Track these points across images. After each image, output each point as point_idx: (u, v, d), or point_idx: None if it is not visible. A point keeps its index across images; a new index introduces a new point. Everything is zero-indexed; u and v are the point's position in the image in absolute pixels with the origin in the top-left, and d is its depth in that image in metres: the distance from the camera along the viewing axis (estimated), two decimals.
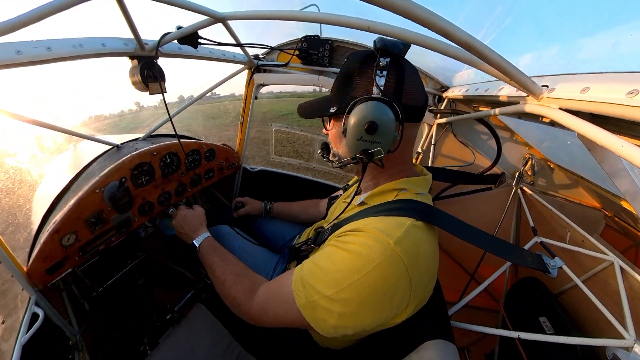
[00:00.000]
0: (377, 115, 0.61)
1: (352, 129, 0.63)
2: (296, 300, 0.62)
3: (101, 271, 1.43)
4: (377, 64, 0.63)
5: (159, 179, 1.26)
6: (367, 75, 0.66)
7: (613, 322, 0.69)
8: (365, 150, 0.65)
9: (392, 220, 0.63)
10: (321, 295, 0.59)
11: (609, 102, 0.45)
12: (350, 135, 0.65)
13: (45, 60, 0.74)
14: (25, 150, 2.28)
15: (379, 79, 0.63)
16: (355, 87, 0.68)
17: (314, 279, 0.62)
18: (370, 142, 0.63)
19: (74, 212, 0.96)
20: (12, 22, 0.57)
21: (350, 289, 0.57)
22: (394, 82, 0.65)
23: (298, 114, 0.83)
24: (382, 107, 0.61)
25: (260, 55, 1.57)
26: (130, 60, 0.99)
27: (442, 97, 1.38)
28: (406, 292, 0.59)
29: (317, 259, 0.66)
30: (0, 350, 0.75)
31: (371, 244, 0.58)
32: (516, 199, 1.38)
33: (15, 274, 0.83)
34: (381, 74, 0.64)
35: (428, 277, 0.64)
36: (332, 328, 0.60)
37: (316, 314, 0.60)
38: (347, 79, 0.70)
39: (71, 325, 1.05)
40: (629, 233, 1.10)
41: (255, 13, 0.84)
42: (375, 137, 0.62)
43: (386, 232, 0.59)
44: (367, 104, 0.62)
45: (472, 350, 1.43)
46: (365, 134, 0.62)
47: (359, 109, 0.62)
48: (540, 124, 0.82)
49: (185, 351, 0.89)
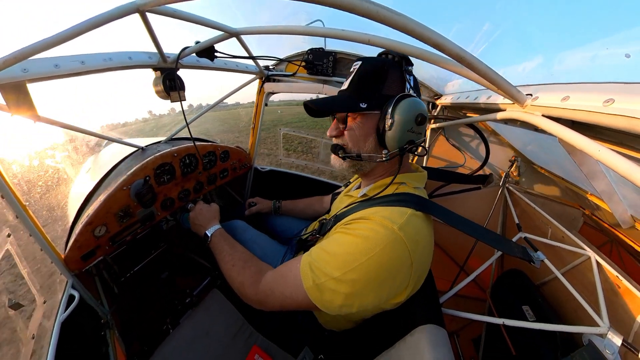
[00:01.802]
0: (423, 109, 0.64)
1: (403, 121, 0.63)
2: (303, 282, 0.62)
3: (128, 259, 1.45)
4: (407, 69, 0.66)
5: (179, 178, 1.28)
6: (394, 77, 0.67)
7: (589, 311, 0.69)
8: (412, 140, 0.66)
9: (395, 209, 0.63)
10: (329, 277, 0.59)
11: (587, 110, 0.45)
12: (399, 127, 0.64)
13: (79, 73, 0.76)
14: (62, 152, 2.33)
15: (409, 81, 0.67)
16: (385, 86, 0.67)
17: (322, 262, 0.61)
18: (416, 134, 0.66)
19: (105, 206, 0.97)
20: (52, 39, 0.58)
21: (358, 269, 0.57)
22: (414, 86, 0.69)
23: (311, 112, 0.76)
24: (422, 103, 0.64)
25: (270, 66, 1.58)
26: (154, 71, 1.01)
27: (435, 104, 1.37)
28: (407, 273, 0.59)
29: (324, 245, 0.66)
30: (43, 327, 0.77)
31: (377, 229, 0.58)
32: (503, 197, 1.37)
33: (54, 260, 0.85)
34: (409, 77, 0.67)
35: (425, 262, 0.65)
36: (337, 307, 0.60)
37: (323, 296, 0.60)
38: (375, 78, 0.68)
39: (102, 306, 1.07)
40: (604, 230, 1.08)
41: (266, 28, 0.84)
42: (420, 128, 0.65)
43: (390, 219, 0.59)
44: (414, 100, 0.64)
45: (460, 335, 1.42)
46: (416, 125, 0.64)
47: (409, 102, 0.63)
48: (524, 129, 0.81)
49: (203, 331, 0.90)
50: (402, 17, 0.43)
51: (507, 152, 1.36)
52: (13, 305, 0.80)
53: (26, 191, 1.58)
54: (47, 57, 0.69)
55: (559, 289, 0.95)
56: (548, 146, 0.97)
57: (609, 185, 0.73)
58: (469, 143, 1.44)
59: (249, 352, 0.86)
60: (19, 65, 0.63)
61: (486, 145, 1.22)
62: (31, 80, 0.68)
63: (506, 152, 1.37)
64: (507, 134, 1.28)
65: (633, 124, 0.38)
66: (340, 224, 0.70)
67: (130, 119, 76.03)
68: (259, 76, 1.57)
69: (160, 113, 34.27)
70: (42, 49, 0.59)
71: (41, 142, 1.89)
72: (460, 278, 0.98)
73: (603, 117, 0.42)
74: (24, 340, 0.74)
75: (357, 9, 0.42)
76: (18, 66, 0.64)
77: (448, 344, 0.61)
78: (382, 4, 0.42)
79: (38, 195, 1.66)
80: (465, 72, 0.63)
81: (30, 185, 1.70)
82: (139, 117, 39.99)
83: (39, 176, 1.81)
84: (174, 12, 0.78)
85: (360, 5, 0.41)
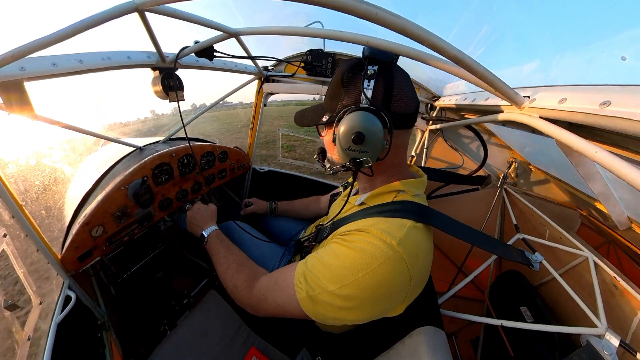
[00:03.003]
0: (363, 125, 0.56)
1: (341, 139, 0.59)
2: (297, 293, 0.60)
3: (126, 260, 1.44)
4: (365, 73, 0.59)
5: (177, 178, 1.28)
6: (355, 84, 0.61)
7: (587, 312, 0.69)
8: (354, 159, 0.61)
9: (394, 222, 0.60)
10: (323, 290, 0.56)
11: (584, 112, 0.45)
12: (339, 145, 0.61)
13: (77, 72, 0.75)
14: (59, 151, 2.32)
15: (367, 89, 0.59)
16: (345, 96, 0.63)
17: (317, 274, 0.59)
18: (358, 152, 0.59)
19: (102, 206, 0.97)
20: (49, 38, 0.58)
21: (354, 285, 0.54)
22: (382, 90, 0.60)
23: (295, 122, 0.80)
24: (369, 116, 0.57)
25: (269, 67, 1.58)
26: (153, 71, 1.00)
27: (434, 106, 1.38)
28: (405, 289, 0.57)
29: (320, 255, 0.63)
30: (39, 328, 0.76)
31: (375, 243, 0.56)
32: (500, 198, 1.37)
33: (50, 261, 0.84)
34: (369, 82, 0.59)
35: (424, 274, 0.63)
36: (330, 320, 0.58)
37: (316, 308, 0.58)
38: (338, 87, 0.65)
39: (99, 307, 1.07)
40: (602, 231, 1.09)
41: (265, 29, 0.84)
42: (362, 146, 0.58)
43: (389, 233, 0.56)
44: (354, 114, 0.57)
45: (459, 336, 1.42)
46: (353, 144, 0.58)
47: (346, 119, 0.58)
48: (522, 130, 0.82)
49: (200, 332, 0.90)
50: (401, 19, 0.43)
51: (505, 154, 1.37)
52: (8, 306, 0.79)
53: (23, 191, 1.57)
54: (45, 56, 0.68)
55: (556, 289, 0.95)
56: (545, 148, 0.98)
57: (606, 187, 0.73)
58: (467, 145, 1.45)
59: (246, 354, 0.86)
60: (16, 63, 0.63)
61: (484, 146, 1.22)
62: (29, 79, 0.67)
63: (504, 153, 1.37)
64: (505, 135, 1.29)
65: (629, 125, 0.38)
66: (336, 234, 0.68)
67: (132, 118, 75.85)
68: (258, 77, 1.57)
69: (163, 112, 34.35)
70: (40, 48, 0.58)
71: (38, 141, 1.88)
72: (459, 279, 0.99)
73: (600, 118, 0.42)
74: (19, 342, 0.73)
75: (356, 10, 0.42)
76: (15, 64, 0.63)
77: (446, 346, 0.61)
78: (381, 6, 0.42)
79: (35, 194, 1.65)
80: (463, 74, 0.63)
81: (27, 185, 1.69)
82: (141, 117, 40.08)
83: (36, 175, 1.80)
84: (173, 12, 0.78)
85: (359, 7, 0.42)
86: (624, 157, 0.39)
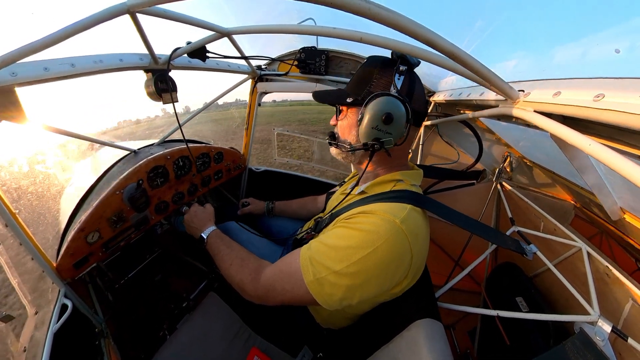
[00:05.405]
0: (393, 109, 0.64)
1: (370, 118, 0.65)
2: (304, 277, 0.62)
3: (123, 265, 1.43)
4: (397, 68, 0.67)
5: (173, 181, 1.26)
6: (386, 76, 0.69)
7: (580, 300, 0.70)
8: (377, 138, 0.67)
9: (395, 204, 0.64)
10: (330, 271, 0.59)
11: (578, 105, 0.45)
12: (366, 124, 0.66)
13: (69, 76, 0.74)
14: (53, 157, 2.27)
15: (397, 81, 0.67)
16: (375, 84, 0.70)
17: (322, 256, 0.62)
18: (384, 132, 0.66)
19: (97, 212, 0.95)
20: (40, 42, 0.57)
21: (360, 262, 0.57)
22: (407, 86, 0.69)
23: (314, 98, 0.86)
24: (398, 103, 0.64)
25: (262, 66, 1.56)
26: (145, 73, 0.98)
27: (429, 101, 1.38)
28: (407, 265, 0.61)
29: (324, 239, 0.66)
30: (34, 338, 0.75)
31: (379, 222, 0.59)
32: (496, 193, 1.38)
33: (45, 269, 0.83)
34: (399, 77, 0.67)
35: (423, 256, 0.67)
36: (338, 301, 0.60)
37: (323, 289, 0.60)
38: (368, 76, 0.72)
39: (97, 315, 1.05)
40: (595, 222, 1.10)
41: (257, 27, 0.83)
42: (388, 127, 0.65)
43: (392, 213, 0.61)
44: (387, 98, 0.64)
45: (456, 327, 1.44)
46: (382, 123, 0.64)
47: (379, 101, 0.65)
48: (517, 125, 0.82)
49: (201, 335, 0.89)
50: (394, 14, 0.43)
51: (500, 148, 1.38)
52: (3, 317, 0.77)
53: (16, 198, 1.54)
54: (36, 61, 0.67)
55: (551, 280, 0.96)
56: (540, 141, 0.98)
57: (599, 179, 0.74)
58: (462, 140, 1.45)
59: (248, 354, 0.86)
60: (6, 69, 0.61)
61: (479, 141, 1.23)
62: (20, 84, 0.66)
63: (499, 148, 1.38)
64: (500, 130, 1.30)
65: (622, 118, 0.38)
66: (340, 219, 0.71)
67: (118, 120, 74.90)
68: (252, 76, 1.55)
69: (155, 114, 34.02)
70: (30, 52, 0.57)
71: (31, 147, 1.83)
72: (456, 272, 0.99)
73: (593, 112, 0.42)
74: (14, 354, 0.71)
75: (349, 6, 0.41)
76: (6, 70, 0.61)
77: (444, 337, 0.62)
78: (374, 1, 0.42)
79: (28, 202, 1.62)
80: (457, 69, 0.63)
81: (20, 192, 1.65)
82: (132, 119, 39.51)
83: (29, 182, 1.77)
84: (164, 13, 0.76)
85: (352, 3, 0.41)
86: (617, 150, 0.39)
